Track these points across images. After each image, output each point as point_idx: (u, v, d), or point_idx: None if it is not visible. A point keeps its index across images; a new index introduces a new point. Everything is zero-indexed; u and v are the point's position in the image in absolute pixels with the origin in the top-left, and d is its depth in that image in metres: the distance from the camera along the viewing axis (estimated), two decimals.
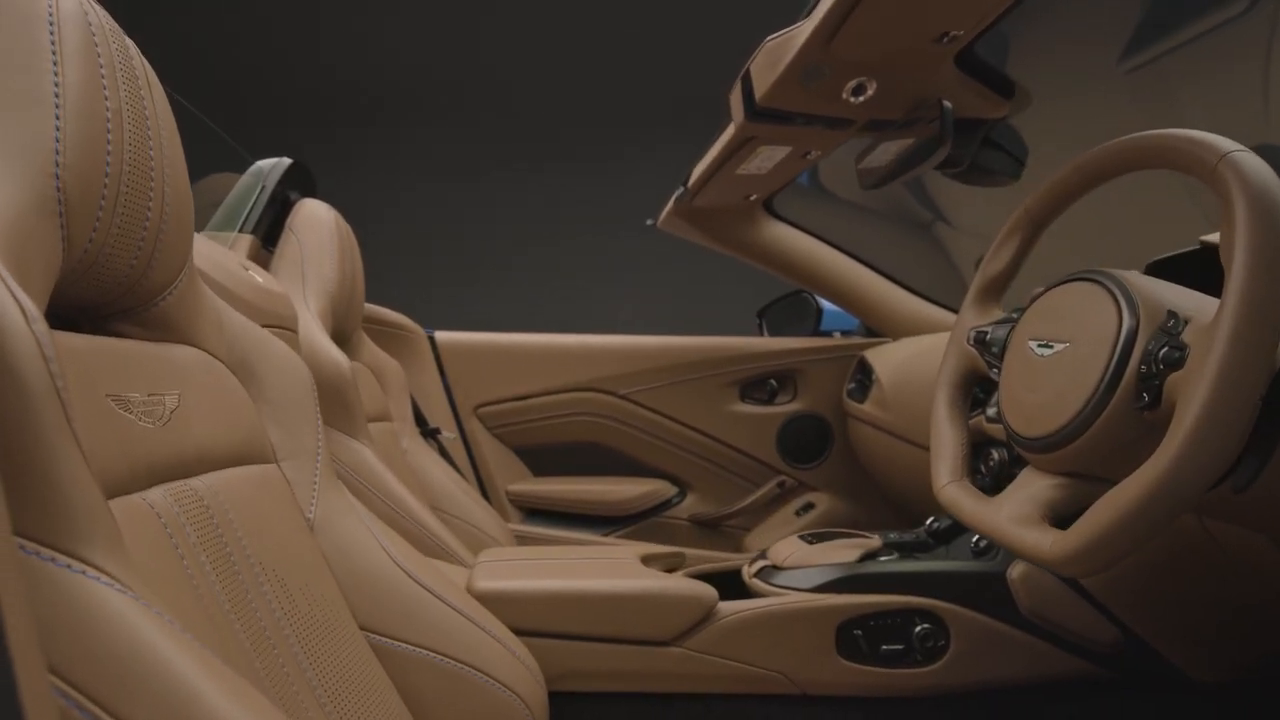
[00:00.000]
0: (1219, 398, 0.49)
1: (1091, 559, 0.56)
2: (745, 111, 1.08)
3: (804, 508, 1.89)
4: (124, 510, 0.51)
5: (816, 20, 0.85)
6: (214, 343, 0.71)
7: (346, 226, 1.38)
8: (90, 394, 0.51)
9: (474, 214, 4.33)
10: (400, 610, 0.76)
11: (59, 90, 0.50)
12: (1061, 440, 0.63)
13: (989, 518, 0.68)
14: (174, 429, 0.60)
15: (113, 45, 0.56)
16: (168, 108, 0.63)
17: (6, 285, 0.38)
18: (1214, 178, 0.55)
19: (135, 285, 0.60)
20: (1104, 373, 0.60)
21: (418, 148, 4.32)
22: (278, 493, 0.72)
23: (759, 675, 0.94)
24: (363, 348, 1.49)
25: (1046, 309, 0.71)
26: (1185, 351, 0.54)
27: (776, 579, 1.00)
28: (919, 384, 1.51)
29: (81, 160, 0.50)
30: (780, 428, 1.91)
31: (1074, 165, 0.72)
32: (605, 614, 0.92)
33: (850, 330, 2.31)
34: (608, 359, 1.86)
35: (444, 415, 1.80)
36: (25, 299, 0.38)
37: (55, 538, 0.36)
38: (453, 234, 4.30)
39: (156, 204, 0.58)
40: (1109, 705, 0.95)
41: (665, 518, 1.89)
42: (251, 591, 0.61)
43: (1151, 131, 0.62)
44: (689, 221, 1.74)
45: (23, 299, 0.38)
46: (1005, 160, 1.20)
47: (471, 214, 4.33)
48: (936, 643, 0.95)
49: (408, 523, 1.12)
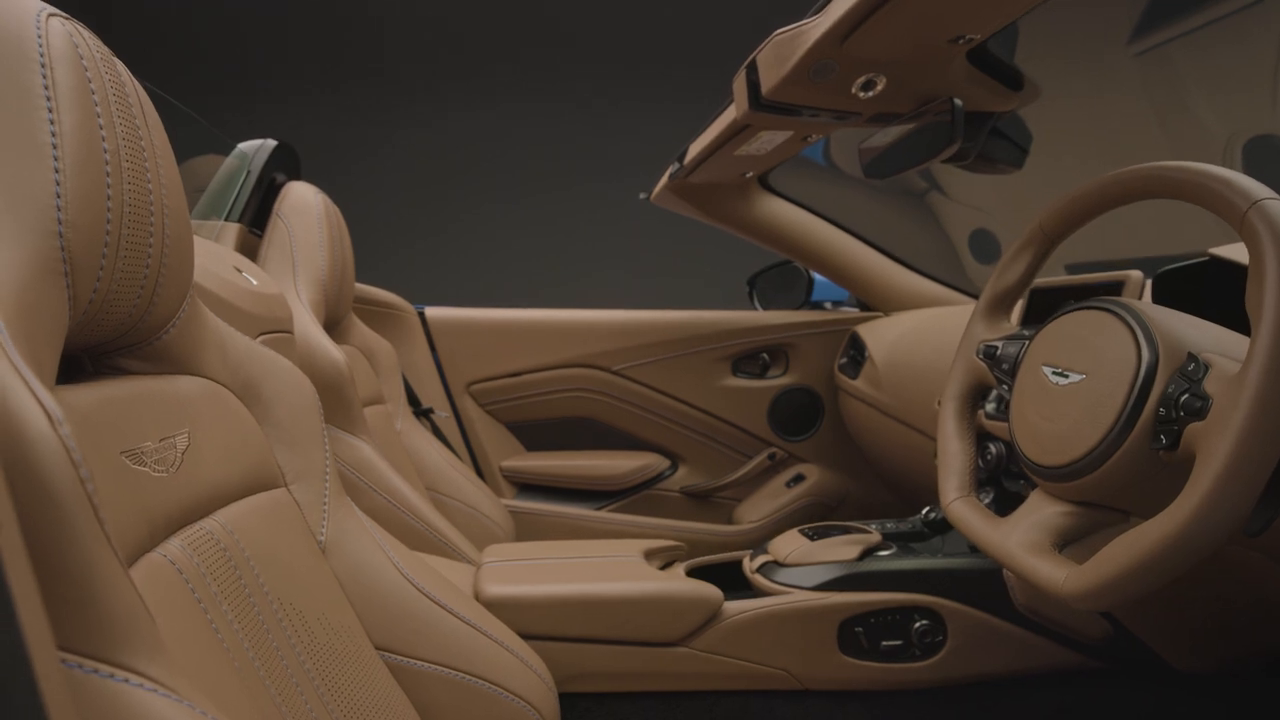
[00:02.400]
0: (1242, 457, 0.50)
1: (1103, 599, 0.58)
2: (750, 102, 1.05)
3: (794, 479, 1.91)
4: (146, 571, 0.50)
5: (831, 20, 0.83)
6: (218, 369, 0.69)
7: (335, 209, 1.35)
8: (104, 455, 0.50)
9: (460, 173, 4.22)
10: (414, 628, 0.76)
11: (56, 140, 0.47)
12: (1075, 473, 0.64)
13: (999, 543, 0.69)
14: (186, 472, 0.59)
15: (105, 77, 0.53)
16: (160, 128, 0.61)
17: (27, 383, 0.36)
18: (1243, 225, 0.55)
19: (138, 323, 0.58)
20: (1121, 411, 0.60)
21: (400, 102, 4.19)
22: (289, 519, 0.71)
23: (763, 672, 0.96)
24: (353, 330, 1.47)
25: (1062, 335, 0.71)
26: (1208, 403, 0.55)
27: (779, 576, 1.01)
28: (912, 364, 1.52)
29: (83, 214, 0.48)
30: (772, 401, 1.92)
31: (1096, 184, 0.71)
32: (614, 617, 0.93)
33: (841, 301, 2.31)
34: (600, 334, 1.85)
35: (436, 393, 1.79)
36: (47, 398, 0.37)
37: (96, 648, 0.36)
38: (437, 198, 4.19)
39: (157, 239, 0.56)
40: (1097, 694, 0.99)
41: (657, 490, 1.90)
42: (273, 632, 0.61)
43: (1181, 164, 0.61)
44: (682, 197, 1.71)
45: (45, 399, 0.36)
46: (1009, 149, 1.19)
47: (457, 174, 4.22)
48: (934, 638, 0.98)
49: (410, 518, 1.12)
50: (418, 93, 4.12)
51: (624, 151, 3.87)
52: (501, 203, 4.19)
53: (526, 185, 4.20)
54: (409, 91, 4.12)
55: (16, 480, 0.34)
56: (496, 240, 4.17)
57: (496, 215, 4.18)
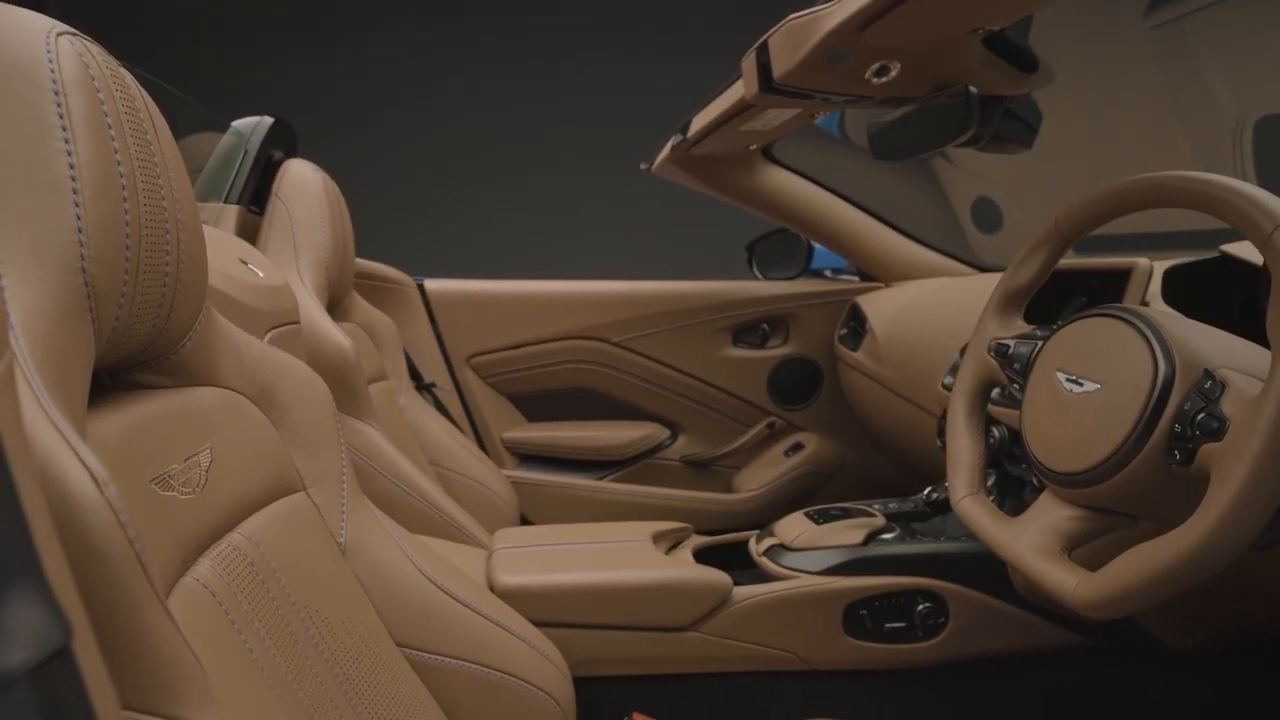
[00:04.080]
0: (1258, 483, 0.51)
1: (1111, 609, 0.59)
2: (761, 84, 1.03)
3: (793, 448, 1.94)
4: (181, 598, 0.51)
5: (849, 11, 0.81)
6: (234, 377, 0.69)
7: (335, 187, 1.32)
8: (134, 486, 0.50)
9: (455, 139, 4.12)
10: (434, 625, 0.78)
11: (75, 172, 0.46)
12: (1087, 481, 0.65)
13: (1009, 546, 0.70)
14: (211, 489, 0.59)
15: (116, 95, 0.51)
16: (168, 133, 0.59)
17: (70, 444, 0.36)
18: (1267, 246, 0.55)
19: (156, 340, 0.58)
20: (1136, 424, 0.61)
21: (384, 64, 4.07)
22: (310, 523, 0.72)
23: (771, 655, 0.99)
24: (354, 307, 1.46)
25: (1076, 340, 0.72)
26: (1225, 424, 0.55)
27: (785, 560, 1.03)
28: (914, 339, 1.53)
29: (105, 246, 0.47)
30: (771, 371, 1.93)
31: (1116, 188, 0.71)
32: (626, 604, 0.95)
33: (841, 268, 2.30)
34: (601, 306, 1.85)
35: (437, 366, 1.79)
36: (90, 458, 0.37)
37: (153, 704, 0.36)
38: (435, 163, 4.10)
39: (173, 257, 0.55)
40: (1093, 672, 1.02)
41: (658, 459, 1.92)
42: (301, 643, 0.62)
43: (1206, 176, 0.61)
44: (684, 168, 1.69)
45: (88, 459, 0.36)
46: (1020, 130, 1.17)
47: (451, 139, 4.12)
48: (936, 620, 1.00)
49: (419, 503, 1.13)
50: (416, 60, 4.00)
51: (626, 120, 3.79)
52: (501, 174, 4.10)
53: (524, 157, 4.11)
54: (405, 59, 4.00)
55: (67, 546, 0.34)
56: (495, 211, 4.10)
57: (494, 187, 4.11)
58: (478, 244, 3.98)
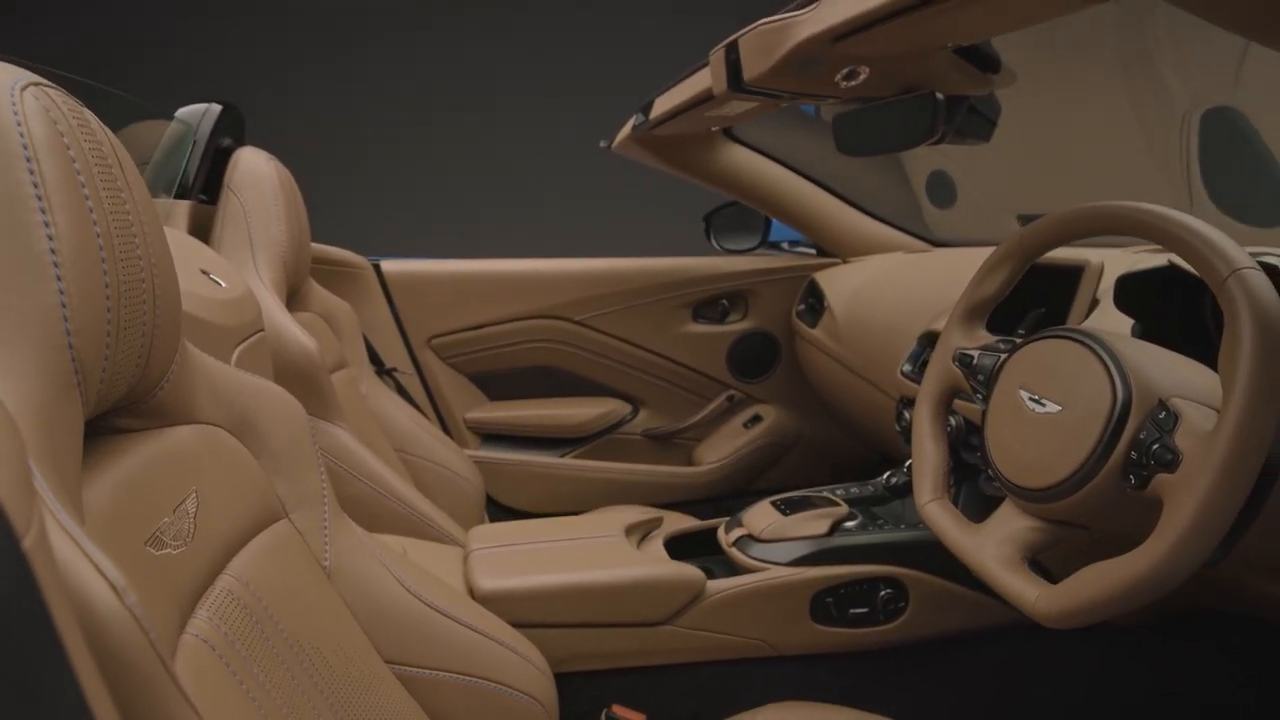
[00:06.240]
0: (1208, 515, 0.55)
1: (1070, 622, 0.64)
2: (730, 83, 1.02)
3: (751, 420, 1.98)
4: (184, 658, 0.51)
5: (827, 23, 0.81)
6: (211, 411, 0.68)
7: (288, 175, 1.28)
8: (130, 552, 0.50)
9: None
10: (419, 638, 0.79)
11: (54, 244, 0.44)
12: (1047, 498, 0.69)
13: (973, 553, 0.75)
14: (200, 537, 0.59)
15: (86, 149, 0.49)
16: (132, 166, 0.57)
17: (86, 554, 0.36)
18: (1222, 290, 0.58)
19: (134, 387, 0.56)
20: (1093, 449, 0.65)
21: None
22: (294, 551, 0.72)
23: (742, 643, 1.03)
24: (312, 295, 1.43)
25: (1040, 360, 0.75)
26: (1178, 458, 0.59)
27: (755, 551, 1.07)
28: (872, 320, 1.57)
29: (87, 316, 0.46)
30: (730, 345, 1.95)
31: (1082, 212, 0.74)
32: (604, 603, 0.98)
33: (799, 240, 2.32)
34: (562, 284, 1.84)
35: (396, 349, 1.77)
36: (108, 565, 0.36)
37: None
38: None
39: (149, 304, 0.54)
40: (1040, 646, 1.10)
41: (619, 435, 1.95)
42: (298, 677, 0.63)
43: (1171, 214, 0.64)
44: (645, 147, 1.67)
45: (106, 568, 0.36)
46: (979, 123, 1.20)
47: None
48: (897, 604, 1.06)
49: (392, 503, 1.13)
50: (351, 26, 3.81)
51: (585, 92, 3.69)
52: (450, 141, 3.97)
53: (477, 127, 3.98)
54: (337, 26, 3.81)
55: (94, 655, 0.34)
56: (446, 186, 3.98)
57: (443, 158, 3.98)
58: (431, 220, 3.88)
